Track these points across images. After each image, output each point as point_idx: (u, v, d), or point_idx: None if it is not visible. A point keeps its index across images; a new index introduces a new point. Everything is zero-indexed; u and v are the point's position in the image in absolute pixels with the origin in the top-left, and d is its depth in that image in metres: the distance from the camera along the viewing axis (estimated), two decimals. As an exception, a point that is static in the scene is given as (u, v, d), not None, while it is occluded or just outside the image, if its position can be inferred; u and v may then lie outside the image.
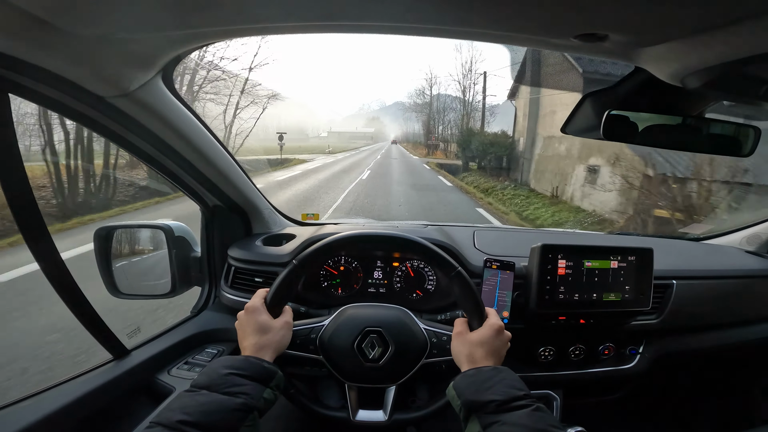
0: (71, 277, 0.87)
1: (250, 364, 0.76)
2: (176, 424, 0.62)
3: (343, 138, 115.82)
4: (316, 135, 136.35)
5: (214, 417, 0.65)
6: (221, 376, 0.71)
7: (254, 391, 0.71)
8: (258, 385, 0.73)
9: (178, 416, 0.63)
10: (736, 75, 0.65)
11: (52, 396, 0.89)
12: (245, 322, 0.86)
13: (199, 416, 0.64)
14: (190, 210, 1.40)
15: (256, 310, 0.86)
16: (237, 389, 0.70)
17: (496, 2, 0.55)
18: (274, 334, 0.85)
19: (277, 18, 0.66)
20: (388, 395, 0.92)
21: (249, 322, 0.85)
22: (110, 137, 0.91)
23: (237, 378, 0.72)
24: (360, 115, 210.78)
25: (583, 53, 0.73)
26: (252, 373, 0.74)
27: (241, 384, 0.71)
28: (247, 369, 0.74)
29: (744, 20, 0.50)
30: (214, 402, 0.67)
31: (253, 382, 0.73)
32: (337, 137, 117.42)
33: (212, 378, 0.71)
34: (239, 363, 0.75)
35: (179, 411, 0.64)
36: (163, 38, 0.73)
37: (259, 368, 0.76)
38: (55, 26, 0.59)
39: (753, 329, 1.49)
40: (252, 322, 0.85)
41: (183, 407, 0.65)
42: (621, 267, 1.16)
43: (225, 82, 14.64)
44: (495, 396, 0.71)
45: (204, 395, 0.68)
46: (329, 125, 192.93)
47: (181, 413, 0.64)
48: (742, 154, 0.95)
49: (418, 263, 1.30)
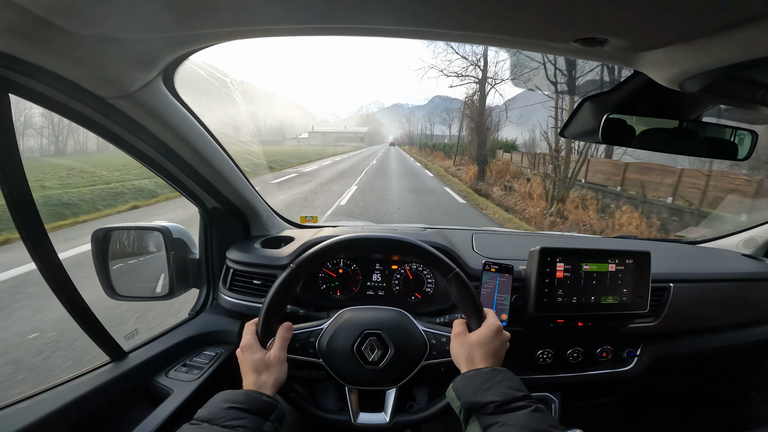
0: (69, 278, 0.87)
1: (250, 398, 0.77)
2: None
3: (328, 139, 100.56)
4: (295, 136, 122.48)
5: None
6: (222, 410, 0.73)
7: (253, 425, 0.73)
8: (258, 419, 0.74)
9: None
10: (733, 79, 0.65)
11: (50, 397, 0.88)
12: (242, 361, 0.87)
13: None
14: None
15: (250, 348, 0.86)
16: (236, 422, 0.71)
17: (498, 7, 0.55)
18: (271, 372, 0.85)
19: (279, 20, 0.67)
20: (388, 398, 0.92)
21: (245, 362, 0.86)
22: (110, 138, 0.91)
23: (237, 412, 0.73)
24: (358, 117, 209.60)
25: (582, 57, 0.74)
26: (252, 407, 0.75)
27: (241, 417, 0.72)
28: (247, 403, 0.76)
29: (741, 25, 0.51)
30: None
31: (253, 415, 0.74)
32: (320, 138, 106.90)
33: (213, 412, 0.73)
34: (239, 397, 0.77)
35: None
36: (165, 39, 0.73)
37: (259, 402, 0.77)
38: (56, 26, 0.59)
39: (750, 332, 1.50)
40: (248, 361, 0.85)
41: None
42: (619, 270, 1.17)
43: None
44: (494, 397, 0.71)
45: (205, 428, 0.69)
46: (319, 125, 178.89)
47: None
48: (739, 158, 0.96)
49: (416, 266, 1.31)
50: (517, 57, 14.93)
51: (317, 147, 58.75)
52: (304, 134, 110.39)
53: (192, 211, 1.36)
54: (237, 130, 2.53)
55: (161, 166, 1.05)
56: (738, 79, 0.67)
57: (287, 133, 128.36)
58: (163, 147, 0.98)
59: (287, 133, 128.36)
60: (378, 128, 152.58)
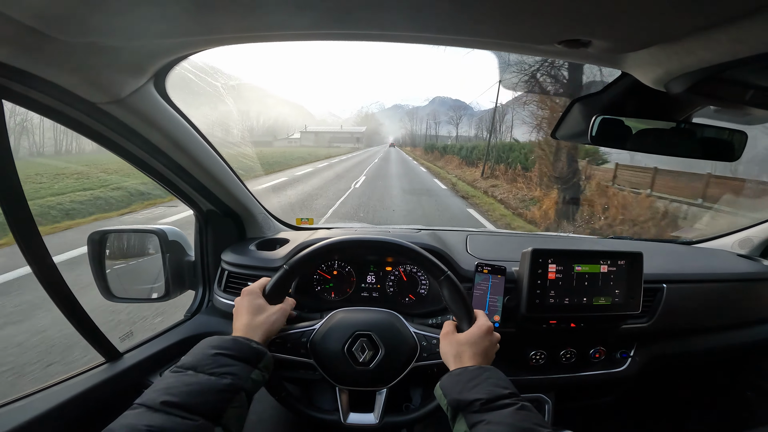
0: (63, 280, 0.88)
1: (238, 344, 0.75)
2: (160, 406, 0.61)
3: (322, 139, 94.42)
4: (286, 137, 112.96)
5: (200, 398, 0.64)
6: (208, 356, 0.71)
7: (242, 372, 0.71)
8: (246, 366, 0.72)
9: (163, 397, 0.62)
10: (718, 80, 0.66)
11: (44, 397, 0.89)
12: (240, 303, 0.87)
13: (185, 397, 0.63)
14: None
15: (253, 293, 0.88)
16: (224, 369, 0.69)
17: (482, 11, 0.56)
18: (267, 316, 0.85)
19: (272, 27, 0.68)
20: (379, 398, 0.93)
21: (243, 303, 0.86)
22: (103, 142, 0.92)
23: (224, 358, 0.71)
24: (357, 117, 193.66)
25: (567, 59, 0.75)
26: (240, 354, 0.73)
27: (229, 364, 0.70)
28: (235, 349, 0.74)
29: (723, 25, 0.51)
30: (200, 383, 0.66)
31: (241, 362, 0.72)
32: (313, 138, 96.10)
33: (199, 358, 0.70)
34: (227, 343, 0.74)
35: (163, 392, 0.63)
36: (155, 45, 0.74)
37: (247, 348, 0.75)
38: (46, 34, 0.60)
39: (745, 332, 1.50)
40: (246, 302, 0.86)
41: (168, 388, 0.64)
42: (611, 271, 1.17)
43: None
44: (480, 395, 0.71)
45: (190, 375, 0.67)
46: (317, 125, 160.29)
47: (165, 394, 0.63)
48: (730, 159, 0.97)
49: (410, 268, 1.31)
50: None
51: (310, 148, 50.71)
52: (296, 134, 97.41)
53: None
54: (225, 131, 2.47)
55: (155, 169, 1.06)
56: (723, 79, 0.67)
57: (280, 133, 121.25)
58: (157, 151, 0.99)
59: (280, 133, 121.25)
60: (377, 128, 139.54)
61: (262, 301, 0.87)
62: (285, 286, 0.93)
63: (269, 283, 0.91)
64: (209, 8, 0.59)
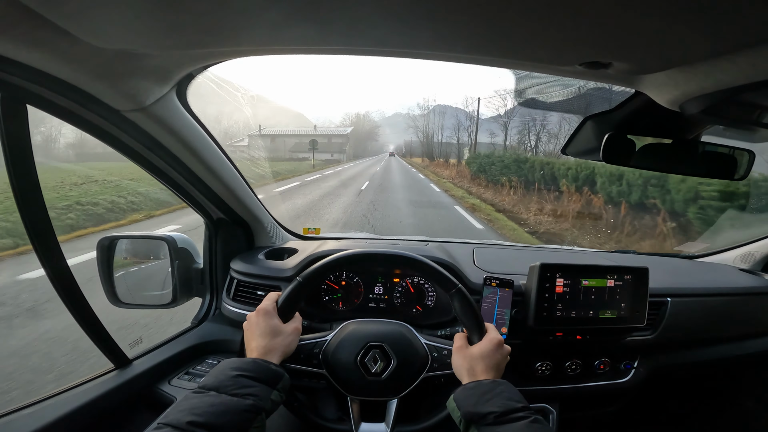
0: (77, 284, 0.89)
1: (258, 366, 0.76)
2: (186, 426, 0.62)
3: (281, 145, 54.80)
4: (230, 143, 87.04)
5: (224, 418, 0.65)
6: (230, 378, 0.72)
7: (262, 393, 0.72)
8: (266, 387, 0.74)
9: (188, 417, 0.63)
10: (732, 101, 0.67)
11: (55, 404, 0.89)
12: (255, 323, 0.86)
13: (209, 417, 0.64)
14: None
15: (268, 313, 0.87)
16: (246, 391, 0.70)
17: (510, 33, 0.58)
18: (284, 338, 0.86)
19: (291, 41, 0.69)
20: (390, 408, 0.93)
21: (259, 324, 0.86)
22: (122, 149, 0.93)
23: (245, 380, 0.72)
24: (347, 118, 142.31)
25: (587, 78, 0.77)
26: (260, 375, 0.75)
27: (250, 386, 0.72)
28: (256, 371, 0.75)
29: (742, 50, 0.53)
30: (224, 403, 0.67)
31: (261, 384, 0.74)
32: (268, 144, 55.73)
33: (221, 380, 0.72)
34: (247, 365, 0.76)
35: (188, 412, 0.64)
36: (181, 55, 0.75)
37: (267, 370, 0.77)
38: (77, 38, 0.61)
39: (747, 344, 1.51)
40: (263, 324, 0.86)
41: (192, 408, 0.65)
42: (617, 285, 1.18)
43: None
44: (494, 408, 0.72)
45: (213, 396, 0.68)
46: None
47: (190, 414, 0.64)
48: (736, 178, 0.98)
49: (418, 279, 1.32)
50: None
51: (257, 161, 28.52)
52: (244, 140, 58.45)
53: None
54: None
55: (169, 177, 1.07)
56: (736, 101, 0.69)
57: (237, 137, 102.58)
58: (173, 159, 1.00)
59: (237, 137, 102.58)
60: (373, 131, 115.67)
61: (276, 321, 0.87)
62: (298, 299, 0.93)
63: (282, 296, 0.92)
64: (236, 20, 0.60)
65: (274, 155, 50.63)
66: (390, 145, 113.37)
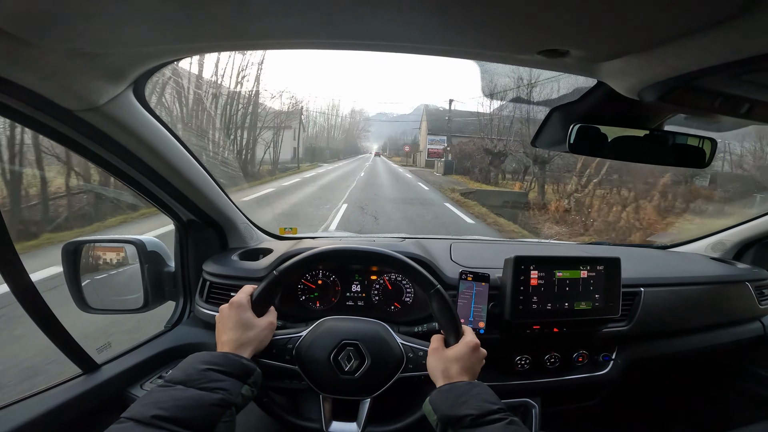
0: (38, 292, 0.86)
1: (228, 360, 0.75)
2: (150, 419, 0.60)
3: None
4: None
5: (192, 412, 0.63)
6: (198, 372, 0.70)
7: (232, 387, 0.71)
8: (236, 382, 0.72)
9: (153, 411, 0.61)
10: (687, 88, 0.68)
11: (19, 409, 0.87)
12: (227, 316, 0.85)
13: (176, 411, 0.62)
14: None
15: (241, 306, 0.86)
16: (215, 385, 0.69)
17: (465, 21, 0.57)
18: (257, 332, 0.84)
19: (255, 34, 0.67)
20: (362, 408, 0.92)
21: (231, 317, 0.84)
22: (80, 151, 0.90)
23: (215, 374, 0.71)
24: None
25: (546, 68, 0.77)
26: (231, 369, 0.73)
27: (219, 380, 0.70)
28: (226, 365, 0.73)
29: (693, 34, 0.53)
30: (191, 397, 0.66)
31: (232, 378, 0.72)
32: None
33: (189, 373, 0.70)
34: (217, 359, 0.74)
35: (153, 405, 0.62)
36: (135, 52, 0.73)
37: (238, 364, 0.75)
38: (21, 39, 0.59)
39: (722, 333, 1.55)
40: (235, 317, 0.84)
41: (157, 402, 0.63)
42: (590, 276, 1.19)
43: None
44: (470, 410, 0.72)
45: (179, 390, 0.67)
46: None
47: (155, 408, 0.62)
48: (702, 166, 1.00)
49: (395, 276, 1.31)
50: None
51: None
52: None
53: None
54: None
55: (133, 178, 1.04)
56: (692, 88, 0.69)
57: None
58: (135, 159, 0.97)
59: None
60: (354, 131, 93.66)
61: (249, 315, 0.86)
62: (273, 294, 0.92)
63: (257, 290, 0.90)
64: (191, 15, 0.58)
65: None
66: (374, 145, 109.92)
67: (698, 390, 1.87)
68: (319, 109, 60.81)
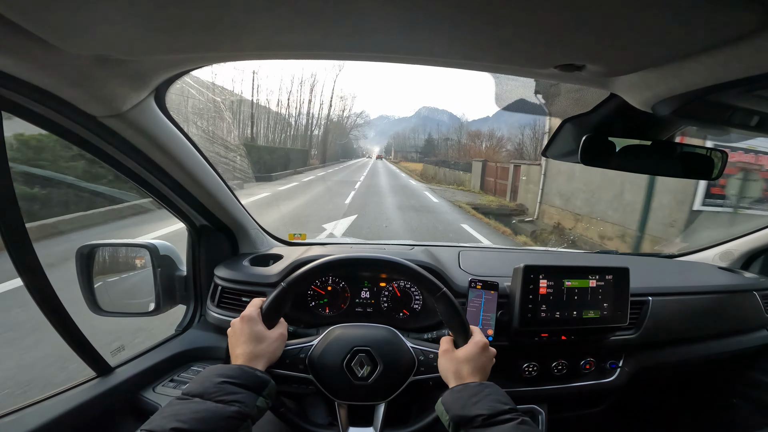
0: (54, 292, 0.87)
1: (243, 373, 0.76)
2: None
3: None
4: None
5: (209, 425, 0.65)
6: (215, 385, 0.71)
7: (248, 400, 0.72)
8: (251, 394, 0.73)
9: (172, 423, 0.62)
10: (701, 102, 0.69)
11: (33, 412, 0.88)
12: (239, 330, 0.86)
13: (194, 423, 0.63)
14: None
15: (252, 320, 0.87)
16: (231, 397, 0.70)
17: (484, 36, 0.59)
18: (269, 344, 0.85)
19: (275, 46, 0.69)
20: (377, 412, 0.93)
21: (244, 331, 0.85)
22: (100, 156, 0.91)
23: (230, 386, 0.72)
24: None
25: (562, 81, 0.78)
26: (245, 382, 0.74)
27: (235, 392, 0.71)
28: (241, 378, 0.75)
29: (709, 51, 0.54)
30: (209, 410, 0.67)
31: (247, 390, 0.73)
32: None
33: (205, 386, 0.71)
34: (233, 372, 0.75)
35: (172, 418, 0.64)
36: (160, 60, 0.75)
37: (252, 377, 0.76)
38: (52, 45, 0.60)
39: (728, 341, 1.54)
40: (247, 330, 0.85)
41: (176, 414, 0.65)
42: (599, 285, 1.20)
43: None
44: (481, 410, 0.73)
45: (197, 403, 0.68)
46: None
47: (174, 420, 0.63)
48: (711, 178, 1.01)
49: (404, 283, 1.32)
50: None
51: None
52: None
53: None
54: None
55: (150, 184, 1.06)
56: (706, 102, 0.71)
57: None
58: (153, 165, 0.99)
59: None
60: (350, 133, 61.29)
61: (261, 328, 0.87)
62: (283, 305, 0.92)
63: (267, 301, 0.91)
64: (214, 26, 0.60)
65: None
66: (375, 147, 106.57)
67: (705, 398, 1.87)
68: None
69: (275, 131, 32.33)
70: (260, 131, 29.90)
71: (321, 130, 40.34)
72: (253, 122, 28.27)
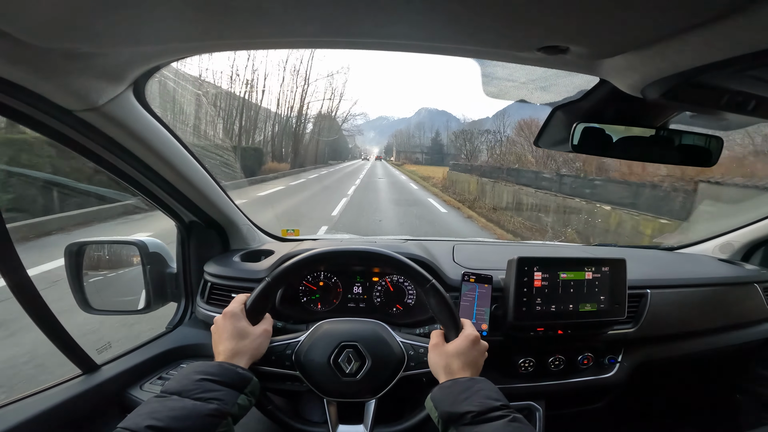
0: (36, 290, 0.86)
1: (224, 370, 0.75)
2: (145, 430, 0.61)
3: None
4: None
5: (186, 423, 0.64)
6: (193, 382, 0.70)
7: (228, 397, 0.71)
8: (232, 391, 0.72)
9: (147, 421, 0.62)
10: (691, 84, 0.67)
11: (15, 409, 0.87)
12: (222, 326, 0.85)
13: (170, 422, 0.63)
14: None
15: (235, 316, 0.85)
16: (210, 395, 0.69)
17: (464, 19, 0.56)
18: (252, 341, 0.84)
19: (258, 34, 0.67)
20: (368, 409, 0.91)
21: (226, 327, 0.84)
22: (80, 151, 0.90)
23: (210, 384, 0.71)
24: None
25: (547, 66, 0.76)
26: (226, 379, 0.73)
27: (214, 390, 0.70)
28: (221, 375, 0.73)
29: (695, 29, 0.52)
30: (186, 408, 0.66)
31: (227, 388, 0.72)
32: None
33: (184, 384, 0.70)
34: (213, 369, 0.74)
35: (148, 416, 0.63)
36: (134, 52, 0.73)
37: (233, 374, 0.75)
38: (19, 39, 0.59)
39: (730, 335, 1.52)
40: (229, 326, 0.84)
41: (152, 412, 0.64)
42: (595, 278, 1.18)
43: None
44: (471, 407, 0.71)
45: (175, 401, 0.67)
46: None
47: (150, 418, 0.62)
48: (708, 165, 0.98)
49: (397, 278, 1.30)
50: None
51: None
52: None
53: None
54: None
55: (134, 179, 1.04)
56: (697, 84, 0.68)
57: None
58: (136, 160, 0.97)
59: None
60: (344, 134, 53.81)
61: (245, 323, 0.86)
62: (267, 300, 0.91)
63: (250, 298, 0.90)
64: (189, 14, 0.58)
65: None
66: (374, 148, 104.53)
67: (705, 392, 1.84)
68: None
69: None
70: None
71: (295, 121, 28.49)
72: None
